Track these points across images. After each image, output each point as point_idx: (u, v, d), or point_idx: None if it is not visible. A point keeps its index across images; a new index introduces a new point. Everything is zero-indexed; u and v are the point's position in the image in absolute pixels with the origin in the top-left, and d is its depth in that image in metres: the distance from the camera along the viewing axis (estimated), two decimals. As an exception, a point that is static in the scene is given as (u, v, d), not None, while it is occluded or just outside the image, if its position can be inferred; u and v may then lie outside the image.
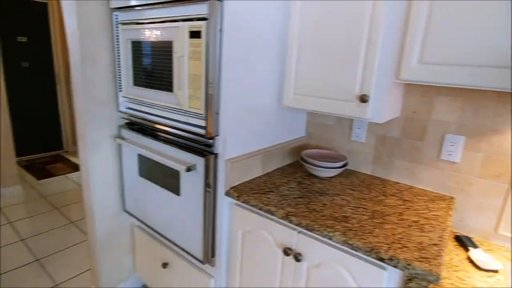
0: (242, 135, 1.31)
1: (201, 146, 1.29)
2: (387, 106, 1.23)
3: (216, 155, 1.25)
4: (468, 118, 1.26)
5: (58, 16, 4.14)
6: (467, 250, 1.15)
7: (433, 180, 1.38)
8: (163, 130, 1.43)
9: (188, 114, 1.26)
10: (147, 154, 1.43)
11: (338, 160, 1.53)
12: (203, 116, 1.19)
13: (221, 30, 1.09)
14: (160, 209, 1.52)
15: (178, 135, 1.37)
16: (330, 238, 1.01)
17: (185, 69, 1.20)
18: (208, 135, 1.19)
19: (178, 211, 1.42)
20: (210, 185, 1.26)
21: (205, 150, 1.27)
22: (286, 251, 1.13)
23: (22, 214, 2.81)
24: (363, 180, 1.48)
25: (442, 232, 1.03)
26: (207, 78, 1.12)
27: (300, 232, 1.11)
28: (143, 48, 1.36)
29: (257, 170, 1.43)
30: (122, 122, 1.65)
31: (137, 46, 1.39)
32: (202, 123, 1.21)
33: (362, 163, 1.58)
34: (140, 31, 1.35)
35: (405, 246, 0.93)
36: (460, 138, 1.28)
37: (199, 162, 1.25)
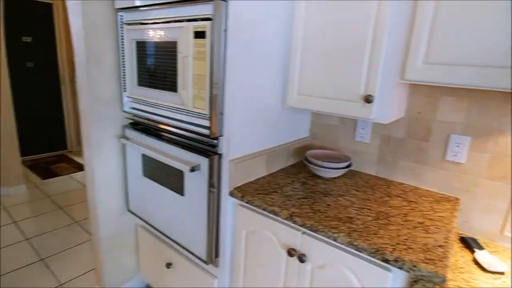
0: (246, 135, 1.31)
1: (205, 146, 1.29)
2: (392, 107, 1.23)
3: (220, 156, 1.25)
4: (473, 118, 1.25)
5: (62, 16, 4.17)
6: (473, 252, 1.14)
7: (438, 181, 1.37)
8: (167, 130, 1.44)
9: (192, 114, 1.26)
10: (151, 154, 1.44)
11: (342, 160, 1.52)
12: (207, 116, 1.19)
13: (225, 30, 1.09)
14: (164, 209, 1.52)
15: (182, 135, 1.37)
16: (335, 239, 1.00)
17: (189, 69, 1.20)
18: (212, 135, 1.19)
19: (182, 211, 1.42)
20: (214, 185, 1.26)
21: (209, 150, 1.27)
22: (290, 252, 1.13)
23: (27, 214, 2.83)
24: (367, 180, 1.48)
25: (448, 233, 1.03)
26: (212, 78, 1.12)
27: (304, 232, 1.10)
28: (148, 48, 1.37)
29: (261, 171, 1.43)
30: (126, 122, 1.65)
31: (141, 46, 1.40)
32: (206, 123, 1.21)
33: (366, 164, 1.58)
34: (144, 31, 1.36)
35: (410, 248, 0.93)
36: (465, 138, 1.27)
37: (203, 162, 1.25)
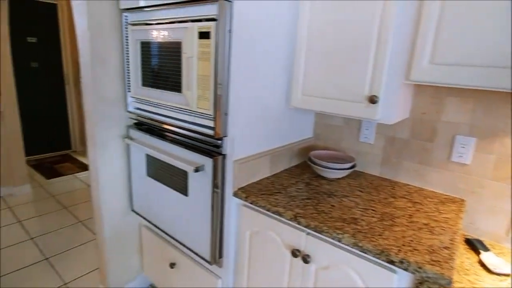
0: (250, 136, 1.31)
1: (209, 146, 1.29)
2: (397, 107, 1.22)
3: (224, 156, 1.24)
4: (479, 119, 1.24)
5: (67, 17, 4.19)
6: (478, 254, 1.14)
7: (443, 182, 1.36)
8: (171, 131, 1.44)
9: (196, 115, 1.26)
10: (155, 154, 1.44)
11: (346, 161, 1.52)
12: (212, 116, 1.19)
13: (230, 31, 1.09)
14: (167, 209, 1.53)
15: (186, 136, 1.37)
16: (339, 240, 1.00)
17: (194, 69, 1.20)
18: (216, 136, 1.19)
19: (186, 212, 1.42)
20: (218, 185, 1.26)
21: (213, 151, 1.27)
22: (295, 253, 1.12)
23: (31, 213, 2.85)
24: (372, 181, 1.47)
25: (453, 235, 1.02)
26: (216, 79, 1.12)
27: (308, 233, 1.10)
28: (152, 48, 1.37)
29: (264, 171, 1.43)
30: (130, 122, 1.66)
31: (146, 46, 1.40)
32: (211, 124, 1.21)
33: (371, 165, 1.57)
34: (149, 32, 1.36)
35: (415, 249, 0.92)
36: (471, 139, 1.26)
37: (207, 162, 1.25)
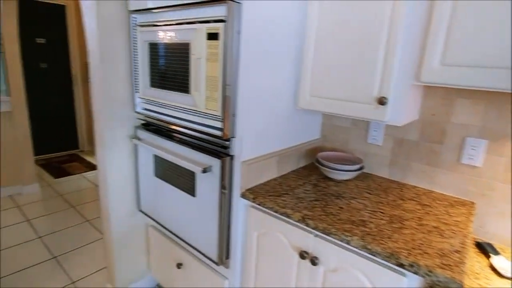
0: (258, 137, 1.31)
1: (217, 147, 1.29)
2: (406, 109, 1.21)
3: (232, 157, 1.24)
4: (490, 121, 1.22)
5: (75, 18, 4.23)
6: (489, 257, 1.12)
7: (452, 184, 1.35)
8: (179, 131, 1.44)
9: (204, 116, 1.26)
10: (163, 154, 1.44)
11: (354, 163, 1.51)
12: (220, 117, 1.19)
13: (239, 32, 1.09)
14: (175, 209, 1.53)
15: (194, 136, 1.38)
16: (348, 243, 0.99)
17: (202, 70, 1.20)
18: (224, 137, 1.19)
19: (193, 212, 1.43)
20: (225, 186, 1.26)
21: (221, 152, 1.27)
22: (302, 255, 1.12)
23: (40, 212, 2.88)
24: (380, 183, 1.46)
25: (464, 238, 1.01)
26: (225, 80, 1.12)
27: (316, 235, 1.09)
28: (160, 49, 1.38)
29: (272, 172, 1.43)
30: (138, 123, 1.67)
31: (154, 47, 1.41)
32: (219, 125, 1.21)
33: (379, 166, 1.56)
34: (157, 33, 1.36)
35: (425, 252, 0.91)
36: (482, 141, 1.24)
37: (215, 163, 1.25)
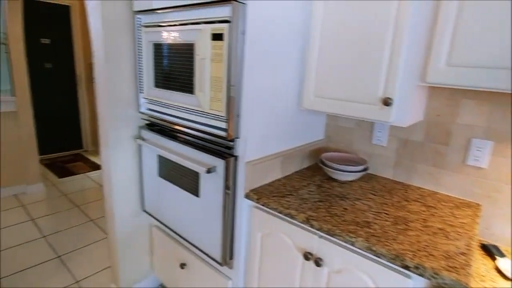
0: (262, 138, 1.30)
1: (221, 148, 1.29)
2: (411, 110, 1.21)
3: (236, 157, 1.24)
4: (496, 122, 1.21)
5: (80, 18, 4.25)
6: (494, 259, 1.11)
7: (458, 186, 1.34)
8: (183, 132, 1.44)
9: (209, 116, 1.26)
10: (167, 155, 1.45)
11: (358, 163, 1.50)
12: (224, 118, 1.19)
13: (243, 33, 1.09)
14: (178, 210, 1.53)
15: (198, 137, 1.38)
16: (353, 244, 0.99)
17: (206, 71, 1.20)
18: (229, 137, 1.19)
19: (197, 213, 1.43)
20: (229, 187, 1.26)
21: (225, 152, 1.27)
22: (307, 256, 1.12)
23: (44, 211, 2.89)
24: (384, 184, 1.45)
25: (470, 240, 1.00)
26: (229, 80, 1.12)
27: (321, 236, 1.09)
28: (165, 50, 1.38)
29: (276, 173, 1.43)
30: (142, 123, 1.67)
31: (158, 48, 1.41)
32: (223, 125, 1.21)
33: (383, 167, 1.55)
34: (162, 34, 1.37)
35: (431, 254, 0.91)
36: (487, 143, 1.23)
37: (219, 164, 1.25)
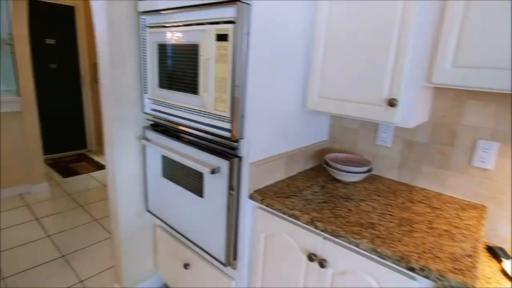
0: (267, 138, 1.30)
1: (225, 148, 1.29)
2: (416, 111, 1.20)
3: (240, 158, 1.24)
4: (502, 123, 1.20)
5: (84, 19, 4.27)
6: (500, 261, 1.10)
7: (463, 187, 1.33)
8: (187, 132, 1.45)
9: (213, 117, 1.26)
10: (171, 155, 1.45)
11: (362, 164, 1.49)
12: (229, 118, 1.19)
13: (248, 33, 1.09)
14: (182, 210, 1.54)
15: (202, 137, 1.38)
16: (357, 245, 0.98)
17: (211, 72, 1.20)
18: (233, 138, 1.19)
19: (201, 213, 1.43)
20: (233, 188, 1.26)
21: (229, 153, 1.27)
22: (311, 257, 1.11)
23: (49, 211, 2.91)
24: (389, 185, 1.45)
25: (476, 242, 0.99)
26: (234, 81, 1.12)
27: (325, 238, 1.09)
28: (169, 51, 1.38)
29: (280, 174, 1.42)
30: (146, 123, 1.68)
31: (163, 48, 1.41)
32: (227, 126, 1.21)
33: (387, 168, 1.55)
34: (166, 34, 1.37)
35: (436, 256, 0.90)
36: (493, 144, 1.22)
37: (224, 164, 1.25)
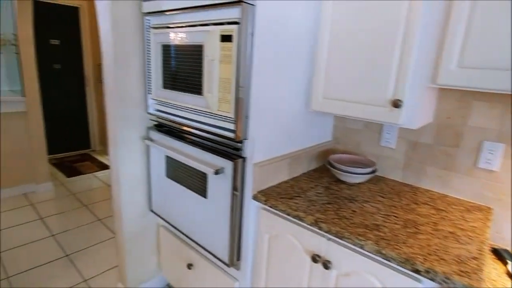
0: (270, 139, 1.30)
1: (229, 149, 1.29)
2: (421, 112, 1.19)
3: (244, 159, 1.24)
4: (507, 125, 1.19)
5: (88, 20, 4.29)
6: (506, 264, 1.09)
7: (468, 189, 1.32)
8: (191, 133, 1.45)
9: (217, 117, 1.26)
10: (175, 156, 1.45)
11: (366, 165, 1.49)
12: (233, 119, 1.19)
13: (252, 34, 1.09)
14: (186, 210, 1.54)
15: (206, 138, 1.38)
16: (362, 247, 0.98)
17: (215, 72, 1.20)
18: (237, 139, 1.19)
19: (205, 213, 1.43)
20: (237, 188, 1.26)
21: (233, 154, 1.27)
22: (315, 258, 1.11)
23: (53, 210, 2.92)
24: (393, 187, 1.44)
25: (481, 244, 0.98)
26: (238, 82, 1.12)
27: (329, 239, 1.08)
28: (174, 51, 1.38)
29: (284, 175, 1.42)
30: (150, 124, 1.68)
31: (167, 49, 1.42)
32: (231, 127, 1.21)
33: (392, 169, 1.54)
34: (171, 35, 1.37)
35: (442, 259, 0.89)
36: (499, 145, 1.21)
37: (227, 165, 1.25)
